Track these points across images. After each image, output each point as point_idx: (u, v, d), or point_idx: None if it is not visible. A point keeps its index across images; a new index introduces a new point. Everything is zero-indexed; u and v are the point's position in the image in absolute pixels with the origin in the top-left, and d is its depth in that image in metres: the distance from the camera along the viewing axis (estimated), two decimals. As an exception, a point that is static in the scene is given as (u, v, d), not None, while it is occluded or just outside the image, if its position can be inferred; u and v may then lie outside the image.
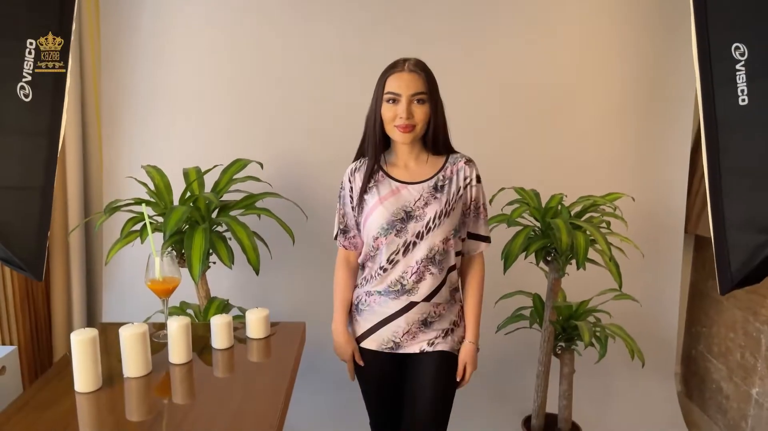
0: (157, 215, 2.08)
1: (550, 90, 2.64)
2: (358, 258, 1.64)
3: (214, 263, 2.05)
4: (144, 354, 1.31)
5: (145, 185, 2.09)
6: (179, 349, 1.38)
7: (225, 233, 2.06)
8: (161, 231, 1.91)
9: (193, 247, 1.90)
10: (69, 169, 2.49)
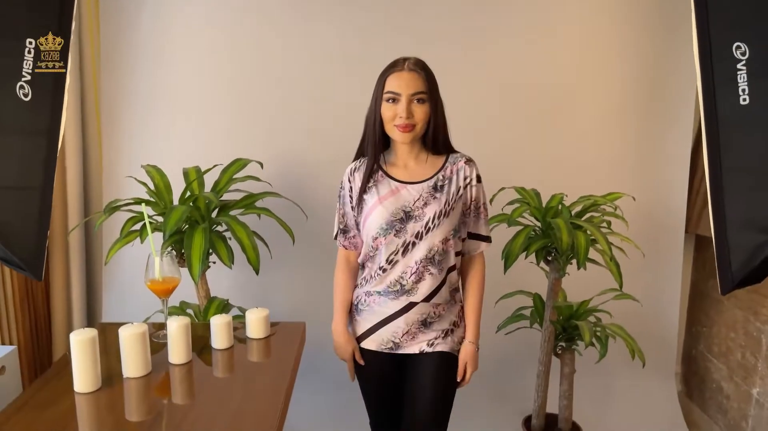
0: (157, 215, 2.07)
1: (550, 90, 2.64)
2: (358, 258, 1.63)
3: (214, 263, 2.05)
4: (143, 355, 1.31)
5: (144, 185, 2.09)
6: (179, 349, 1.37)
7: (225, 233, 2.06)
8: (161, 230, 1.90)
9: (193, 247, 1.90)
10: (69, 168, 2.49)
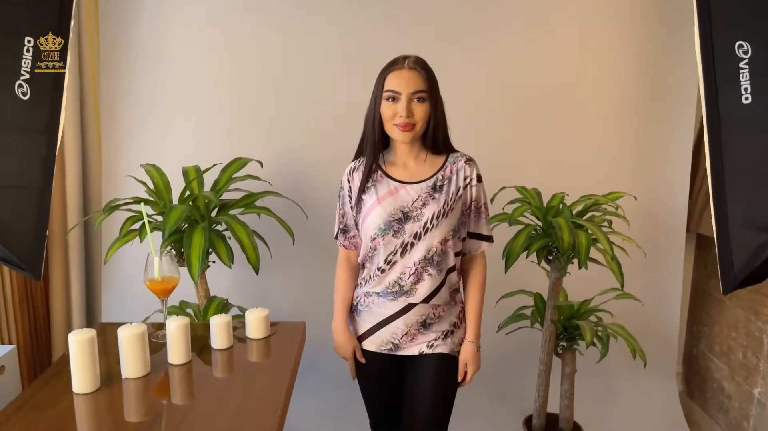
0: (157, 214, 2.07)
1: (551, 90, 2.63)
2: (358, 259, 1.63)
3: (214, 262, 2.04)
4: (143, 355, 1.30)
5: (144, 184, 2.08)
6: (178, 349, 1.37)
7: (224, 232, 2.05)
8: (160, 230, 1.90)
9: (193, 246, 1.89)
10: (68, 167, 2.48)
